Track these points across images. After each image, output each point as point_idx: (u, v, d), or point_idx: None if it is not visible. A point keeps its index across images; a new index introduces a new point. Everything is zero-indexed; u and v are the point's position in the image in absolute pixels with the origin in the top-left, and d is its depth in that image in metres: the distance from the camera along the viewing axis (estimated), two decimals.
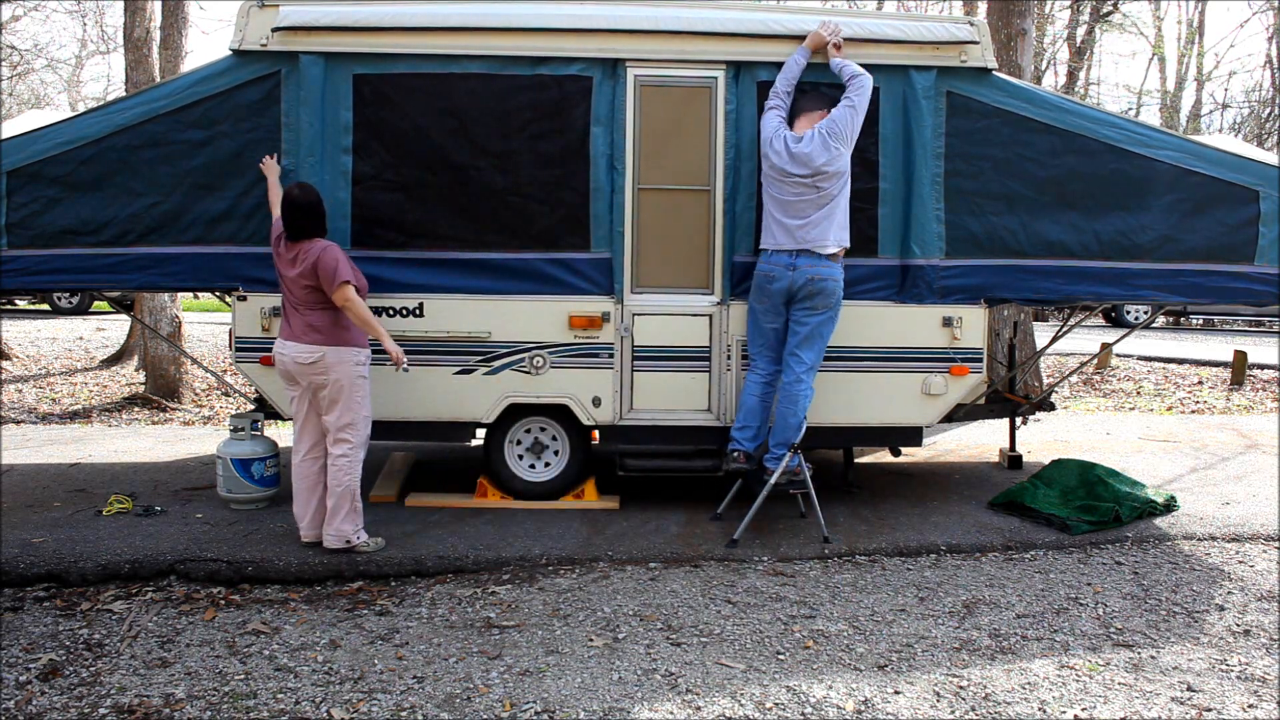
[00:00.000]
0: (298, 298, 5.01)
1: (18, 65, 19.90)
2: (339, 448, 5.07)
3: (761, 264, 5.52)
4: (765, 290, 5.49)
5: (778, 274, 5.42)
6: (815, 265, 5.38)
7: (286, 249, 5.03)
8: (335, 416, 5.05)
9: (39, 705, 3.61)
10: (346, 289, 4.90)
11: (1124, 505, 5.83)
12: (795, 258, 5.39)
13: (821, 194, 5.35)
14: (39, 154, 5.46)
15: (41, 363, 12.78)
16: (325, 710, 3.58)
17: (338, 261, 4.91)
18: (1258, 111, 24.84)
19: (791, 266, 5.38)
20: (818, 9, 6.02)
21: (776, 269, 5.42)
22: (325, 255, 4.92)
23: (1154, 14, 25.66)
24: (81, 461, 7.21)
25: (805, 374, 5.48)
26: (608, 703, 3.65)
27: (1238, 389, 11.63)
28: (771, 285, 5.45)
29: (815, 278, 5.38)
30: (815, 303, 5.42)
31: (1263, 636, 4.34)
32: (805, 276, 5.38)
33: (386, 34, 5.55)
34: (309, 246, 4.97)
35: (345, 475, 5.06)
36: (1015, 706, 3.68)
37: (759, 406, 5.60)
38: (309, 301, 4.98)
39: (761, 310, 5.55)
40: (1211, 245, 5.82)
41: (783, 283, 5.41)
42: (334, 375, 4.99)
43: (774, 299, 5.47)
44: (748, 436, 5.59)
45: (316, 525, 5.19)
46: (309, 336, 4.99)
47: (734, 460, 5.57)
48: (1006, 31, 9.13)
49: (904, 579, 4.97)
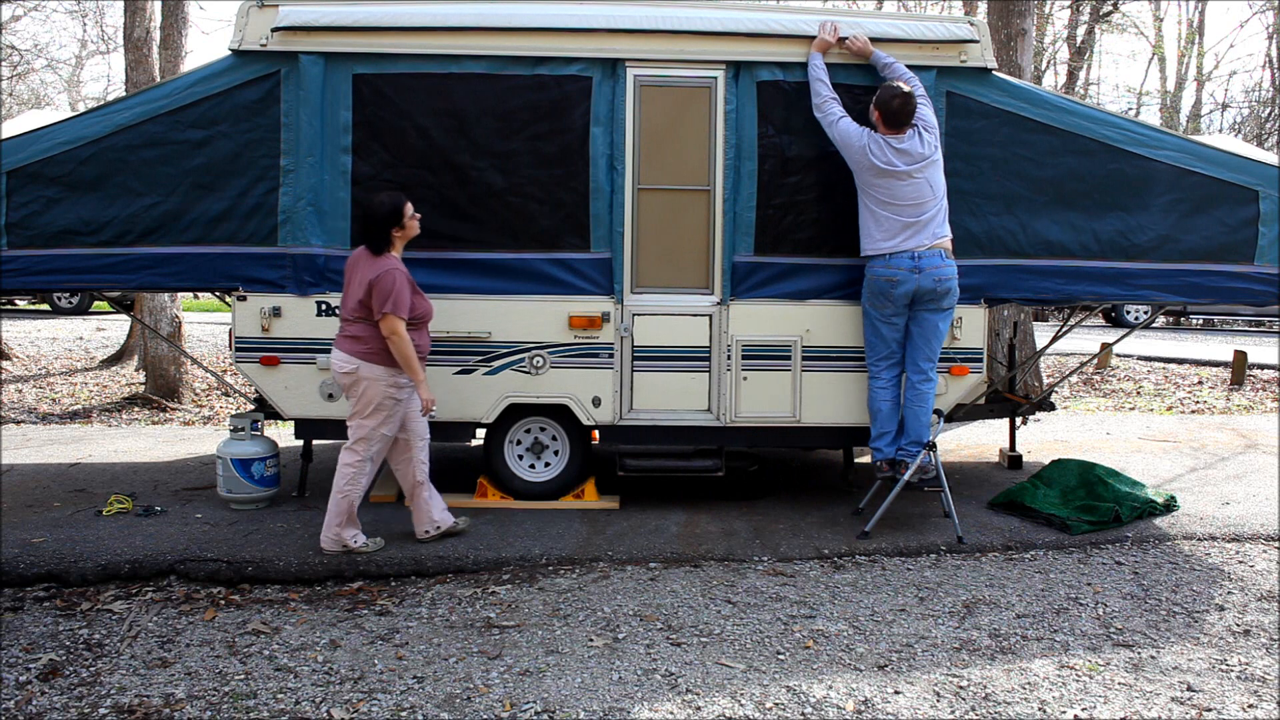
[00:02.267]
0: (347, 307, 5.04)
1: (18, 65, 19.90)
2: (347, 455, 5.08)
3: (879, 269, 5.47)
4: (889, 296, 5.47)
5: (902, 278, 5.42)
6: (940, 266, 5.43)
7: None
8: (354, 425, 5.07)
9: (39, 705, 3.61)
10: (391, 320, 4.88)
11: (1124, 505, 5.83)
12: (918, 260, 5.40)
13: (933, 189, 5.43)
14: (39, 154, 5.47)
15: (41, 363, 12.78)
16: (325, 710, 3.58)
17: (392, 289, 4.87)
18: (1258, 111, 24.85)
19: (916, 270, 5.40)
20: (817, 9, 6.02)
21: (900, 273, 5.42)
22: (383, 279, 4.89)
23: (1154, 14, 25.66)
24: (81, 461, 7.21)
25: (932, 371, 5.58)
26: (608, 703, 3.65)
27: (1238, 389, 11.62)
28: (896, 290, 5.44)
29: (941, 278, 5.44)
30: (943, 302, 5.50)
31: (1263, 636, 4.34)
32: (932, 279, 5.42)
33: (386, 34, 5.55)
34: (377, 262, 4.96)
35: (346, 484, 5.06)
36: (1015, 706, 3.68)
37: (892, 411, 5.64)
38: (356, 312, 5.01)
39: (882, 316, 5.54)
40: (1211, 245, 5.82)
41: (908, 286, 5.42)
42: (362, 388, 4.99)
43: (898, 303, 5.49)
44: (887, 443, 5.64)
45: (421, 522, 5.30)
46: (347, 346, 5.01)
47: (881, 471, 5.63)
48: (1006, 31, 9.12)
49: (904, 579, 4.97)
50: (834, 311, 5.81)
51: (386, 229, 4.98)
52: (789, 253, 5.76)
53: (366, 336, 4.96)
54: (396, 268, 4.94)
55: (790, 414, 5.82)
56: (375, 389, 4.97)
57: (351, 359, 4.97)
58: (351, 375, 4.98)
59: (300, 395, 5.72)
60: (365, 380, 4.96)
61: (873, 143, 5.41)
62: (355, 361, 4.97)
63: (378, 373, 4.96)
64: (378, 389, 4.97)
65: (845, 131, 5.48)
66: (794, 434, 5.96)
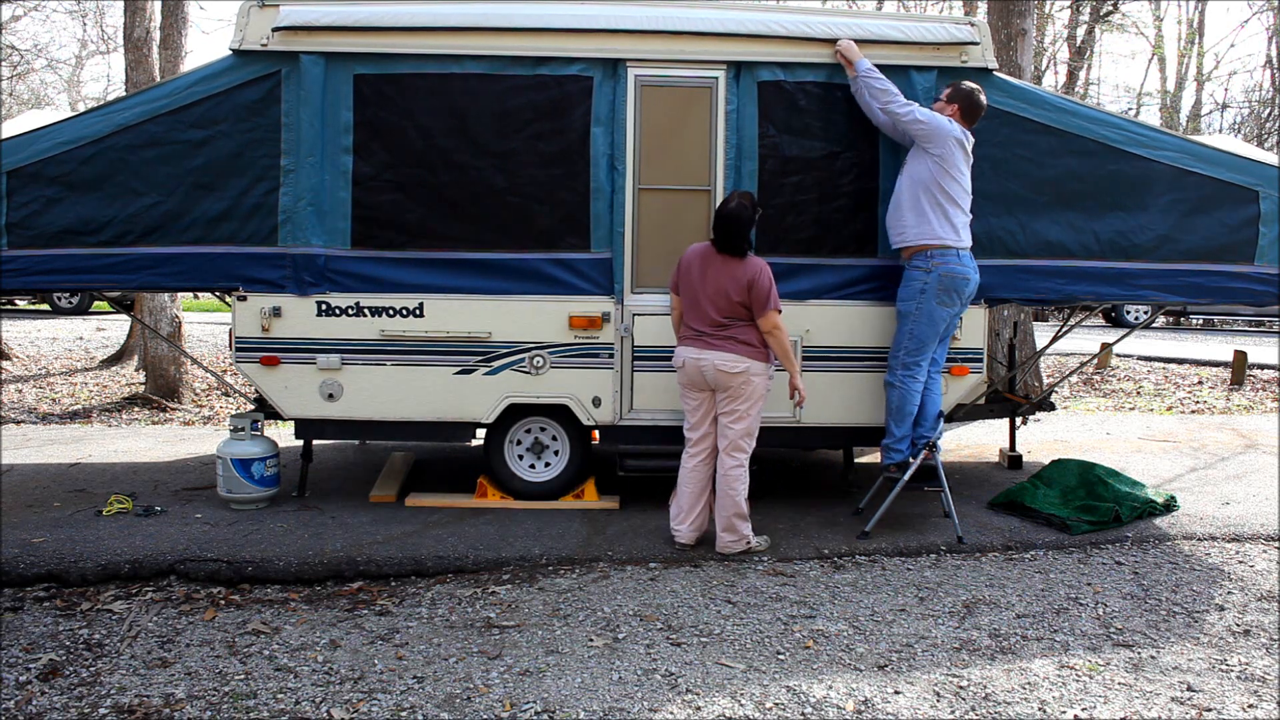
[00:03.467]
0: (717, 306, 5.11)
1: (18, 65, 19.89)
2: (731, 457, 5.21)
3: (957, 266, 5.43)
4: (961, 293, 5.47)
5: (972, 275, 5.46)
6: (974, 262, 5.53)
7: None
8: (728, 421, 5.17)
9: (39, 705, 3.61)
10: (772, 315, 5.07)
11: (1124, 505, 5.83)
12: (970, 255, 5.49)
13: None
14: (39, 154, 5.47)
15: (41, 363, 12.79)
16: (325, 710, 3.58)
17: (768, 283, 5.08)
18: (1258, 111, 24.85)
19: (976, 268, 5.49)
20: (818, 9, 6.02)
21: (970, 269, 5.45)
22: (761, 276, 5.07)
23: (1154, 14, 25.66)
24: (81, 461, 7.21)
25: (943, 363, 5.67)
26: (608, 703, 3.65)
27: (1238, 389, 11.63)
28: (967, 288, 5.47)
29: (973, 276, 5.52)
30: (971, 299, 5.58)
31: (1263, 636, 4.34)
32: (979, 276, 5.52)
33: (387, 34, 5.55)
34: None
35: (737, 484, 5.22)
36: (1015, 706, 3.68)
37: (916, 412, 5.62)
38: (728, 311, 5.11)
39: (946, 314, 5.50)
40: (1211, 245, 5.82)
41: (975, 283, 5.48)
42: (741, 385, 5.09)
43: (965, 301, 5.51)
44: (907, 445, 5.62)
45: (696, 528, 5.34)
46: (728, 346, 5.09)
47: (893, 474, 5.62)
48: (1006, 31, 9.13)
49: (904, 579, 4.97)
50: (834, 311, 5.81)
51: (748, 231, 5.13)
52: (789, 253, 5.76)
53: (750, 338, 5.10)
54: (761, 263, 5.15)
55: (790, 414, 5.82)
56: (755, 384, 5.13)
57: (738, 358, 5.07)
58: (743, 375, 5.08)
59: (300, 395, 5.72)
60: (752, 377, 5.10)
61: (954, 127, 5.41)
62: (744, 361, 5.07)
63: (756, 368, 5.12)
64: (758, 383, 5.14)
65: (934, 117, 5.41)
66: (794, 434, 5.96)
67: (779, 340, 5.09)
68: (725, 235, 5.08)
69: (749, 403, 5.11)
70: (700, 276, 5.11)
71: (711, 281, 5.07)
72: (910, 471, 5.53)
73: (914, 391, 5.56)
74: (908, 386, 5.56)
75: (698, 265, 5.15)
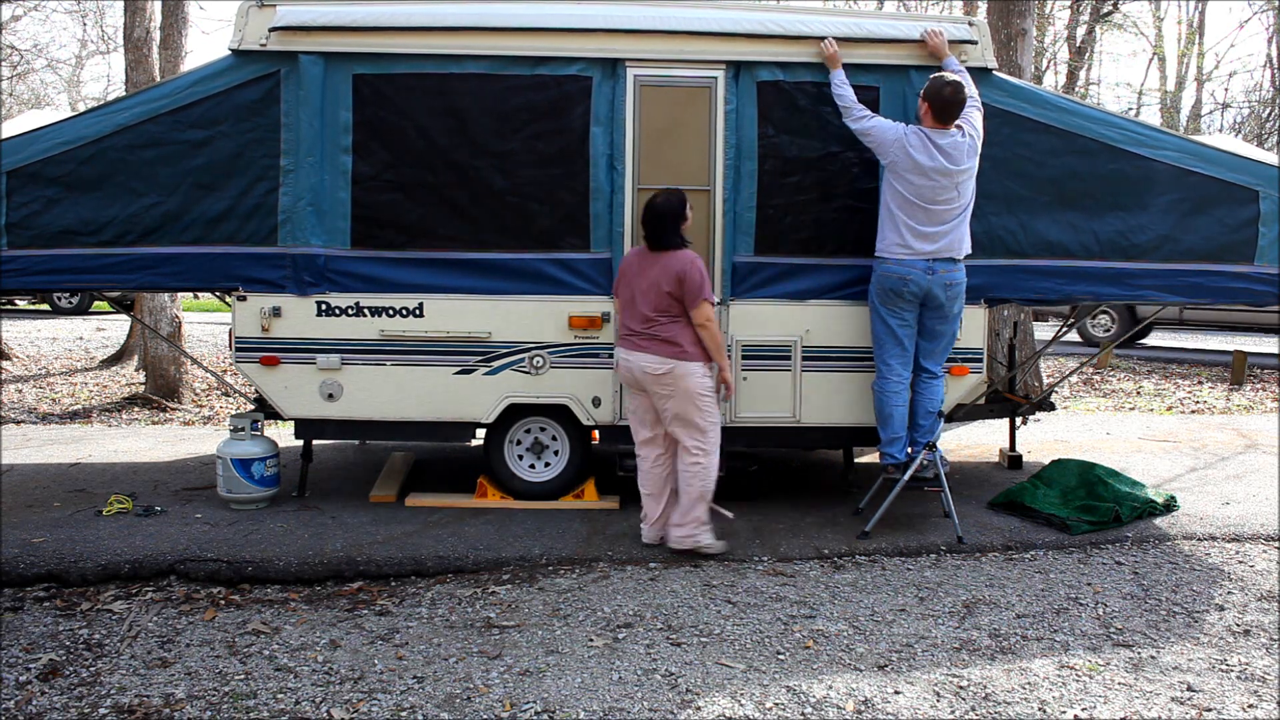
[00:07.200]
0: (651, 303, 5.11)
1: (18, 65, 19.90)
2: (684, 455, 5.19)
3: (893, 268, 5.44)
4: (901, 294, 5.46)
5: (915, 277, 5.41)
6: (952, 270, 5.45)
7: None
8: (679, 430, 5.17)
9: (39, 705, 3.61)
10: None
11: (1124, 505, 5.83)
12: (933, 262, 5.40)
13: (961, 196, 5.40)
14: (39, 154, 5.46)
15: (41, 363, 12.78)
16: (325, 710, 3.58)
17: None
18: (1258, 111, 24.82)
19: (930, 271, 5.41)
20: (817, 9, 6.02)
21: (914, 273, 5.41)
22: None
23: (1154, 14, 25.65)
24: (81, 461, 7.21)
25: (941, 372, 5.64)
26: (608, 703, 3.65)
27: (1238, 389, 11.63)
28: (907, 289, 5.44)
29: (952, 283, 5.45)
30: (955, 306, 5.51)
31: (1263, 636, 4.34)
32: (944, 282, 5.43)
33: (386, 34, 5.55)
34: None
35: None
36: (1015, 706, 3.68)
37: (906, 414, 5.62)
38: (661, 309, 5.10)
39: (895, 315, 5.51)
40: (1211, 245, 5.81)
41: (919, 286, 5.43)
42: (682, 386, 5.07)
43: (911, 304, 5.49)
44: (900, 448, 5.62)
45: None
46: (652, 347, 5.08)
47: (891, 475, 5.61)
48: (1006, 31, 9.12)
49: (904, 579, 4.97)
50: (834, 311, 5.81)
51: (676, 225, 5.13)
52: (789, 253, 5.76)
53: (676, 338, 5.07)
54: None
55: (790, 414, 5.82)
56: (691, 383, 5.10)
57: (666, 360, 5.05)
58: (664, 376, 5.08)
59: (300, 395, 5.72)
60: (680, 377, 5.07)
61: (912, 134, 5.37)
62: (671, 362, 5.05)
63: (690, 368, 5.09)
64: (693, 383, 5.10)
65: (877, 126, 5.44)
66: (794, 434, 5.96)
67: (711, 333, 5.05)
68: (653, 231, 5.11)
69: (683, 401, 5.07)
70: (637, 275, 5.13)
71: (646, 277, 5.08)
72: (910, 472, 5.53)
73: (887, 393, 5.59)
74: (879, 388, 5.64)
75: (635, 265, 5.17)
